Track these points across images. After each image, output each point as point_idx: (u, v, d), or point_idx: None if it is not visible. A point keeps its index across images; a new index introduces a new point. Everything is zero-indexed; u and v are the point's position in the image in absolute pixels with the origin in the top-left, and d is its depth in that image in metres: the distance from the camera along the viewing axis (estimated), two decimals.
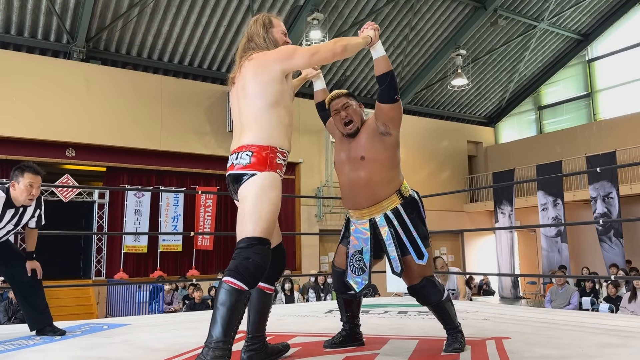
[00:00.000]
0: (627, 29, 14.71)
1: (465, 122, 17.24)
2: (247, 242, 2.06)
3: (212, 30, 11.54)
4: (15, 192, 2.95)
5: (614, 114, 14.36)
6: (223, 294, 1.96)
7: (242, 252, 2.04)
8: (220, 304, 1.95)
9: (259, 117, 2.17)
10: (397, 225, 2.48)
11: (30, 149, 10.17)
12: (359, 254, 2.54)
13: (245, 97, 2.22)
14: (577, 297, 8.27)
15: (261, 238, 2.07)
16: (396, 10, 12.60)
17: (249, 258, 2.02)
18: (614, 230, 12.16)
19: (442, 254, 15.64)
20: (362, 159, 2.50)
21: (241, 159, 2.14)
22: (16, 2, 9.82)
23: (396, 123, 2.51)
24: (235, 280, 1.97)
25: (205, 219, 12.05)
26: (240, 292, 1.97)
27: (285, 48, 2.26)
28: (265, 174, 2.11)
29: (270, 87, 2.19)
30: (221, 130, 12.06)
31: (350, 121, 2.55)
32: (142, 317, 5.15)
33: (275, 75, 2.20)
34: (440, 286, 2.53)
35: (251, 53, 2.27)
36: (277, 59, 2.21)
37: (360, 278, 2.51)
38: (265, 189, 2.10)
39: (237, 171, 2.15)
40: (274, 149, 2.15)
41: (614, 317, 4.63)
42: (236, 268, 2.00)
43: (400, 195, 2.53)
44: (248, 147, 2.14)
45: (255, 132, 2.16)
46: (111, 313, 10.44)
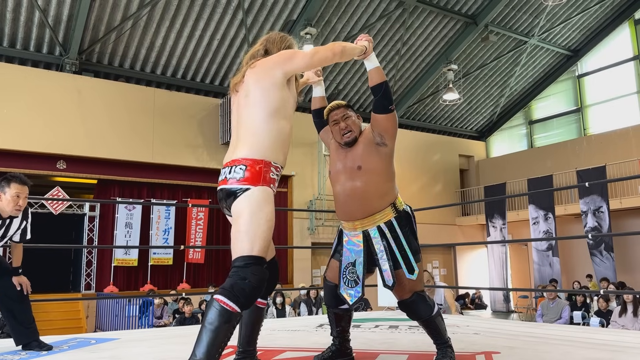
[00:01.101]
0: (616, 45, 14.93)
1: (457, 136, 17.35)
2: (244, 260, 2.00)
3: (205, 43, 11.59)
4: (2, 202, 2.93)
5: (604, 129, 14.51)
6: (213, 313, 1.88)
7: (239, 271, 1.97)
8: (209, 323, 1.87)
9: (257, 129, 2.13)
10: (390, 238, 2.48)
11: (21, 161, 10.10)
12: (352, 266, 2.52)
13: (247, 106, 2.18)
14: (568, 311, 8.29)
15: (258, 257, 2.02)
16: (388, 26, 12.73)
17: (245, 278, 1.96)
18: (604, 245, 12.22)
19: (434, 268, 15.64)
20: (359, 168, 2.50)
21: (235, 173, 2.10)
22: (9, 14, 9.82)
23: (391, 134, 2.52)
24: (228, 301, 1.90)
25: (197, 232, 11.99)
26: (231, 314, 1.89)
27: (285, 51, 2.25)
28: (259, 188, 2.07)
29: (272, 93, 2.16)
30: (214, 143, 12.06)
31: (350, 131, 2.55)
32: (131, 331, 5.10)
33: (276, 79, 2.17)
34: (430, 301, 2.52)
35: (255, 60, 2.26)
36: (277, 62, 2.19)
37: (353, 290, 2.49)
38: (260, 204, 2.05)
39: (231, 186, 2.10)
40: (267, 162, 2.11)
41: (604, 331, 4.64)
42: (231, 288, 1.93)
43: (395, 208, 2.53)
44: (242, 161, 2.10)
45: (250, 145, 2.12)
46: (100, 327, 10.32)
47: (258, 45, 2.36)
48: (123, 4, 10.28)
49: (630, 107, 14.37)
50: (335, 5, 11.74)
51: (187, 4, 10.69)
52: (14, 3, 9.68)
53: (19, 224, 3.07)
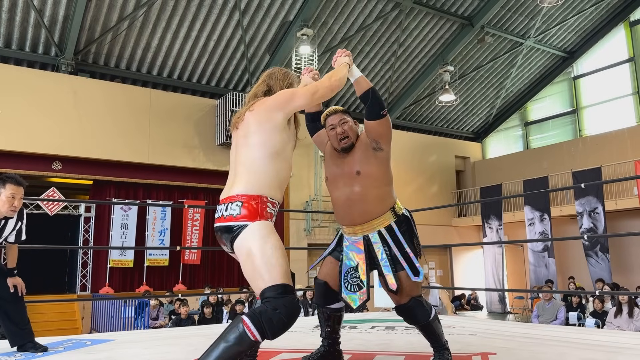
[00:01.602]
0: (611, 47, 14.99)
1: (453, 137, 17.38)
2: (275, 291, 1.94)
3: (201, 44, 11.58)
4: None
5: (599, 130, 14.56)
6: (234, 333, 1.87)
7: (272, 301, 1.91)
8: (225, 341, 1.87)
9: (255, 166, 2.12)
10: (391, 242, 2.48)
11: (16, 161, 10.07)
12: (354, 270, 2.51)
13: (245, 146, 2.16)
14: (564, 312, 8.30)
15: (286, 285, 1.96)
16: (385, 27, 12.74)
17: (277, 309, 1.90)
18: (600, 246, 12.26)
19: (430, 269, 15.66)
20: (358, 173, 2.50)
21: (231, 210, 2.07)
22: (4, 14, 9.78)
23: (386, 138, 2.53)
24: (253, 328, 1.86)
25: (193, 233, 11.97)
26: (250, 341, 1.87)
27: (284, 92, 2.22)
28: (258, 223, 2.05)
29: (274, 137, 2.14)
30: (210, 144, 12.05)
31: (347, 137, 2.55)
32: (127, 332, 5.08)
33: (277, 122, 2.15)
34: (427, 306, 2.52)
35: (256, 101, 2.24)
36: (277, 105, 2.17)
37: (357, 294, 2.48)
38: (265, 237, 2.03)
39: (227, 223, 2.07)
40: (263, 198, 2.09)
41: (599, 332, 4.65)
42: (260, 315, 1.88)
43: (394, 213, 2.53)
44: (237, 198, 2.08)
45: (246, 182, 2.10)
46: (96, 328, 10.28)
47: (260, 83, 2.34)
48: (119, 5, 10.26)
49: (626, 108, 14.43)
50: (332, 7, 11.75)
51: (184, 5, 10.68)
52: (10, 3, 9.65)
53: (14, 224, 3.06)
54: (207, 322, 8.29)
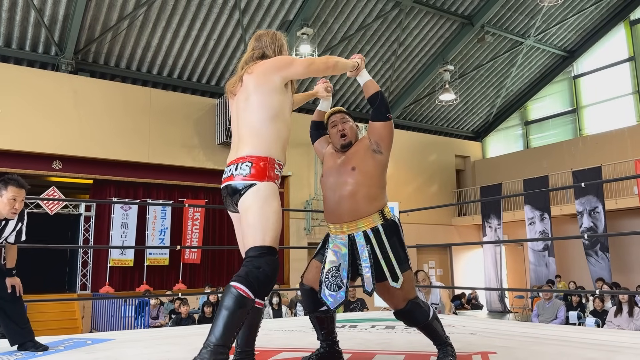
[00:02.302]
0: (611, 47, 14.99)
1: (453, 137, 17.38)
2: (258, 250, 2.07)
3: (201, 43, 11.57)
4: None
5: (599, 130, 14.56)
6: (229, 299, 1.96)
7: (254, 260, 2.05)
8: (225, 308, 1.95)
9: (258, 130, 2.21)
10: (375, 245, 2.48)
11: (16, 161, 10.07)
12: (336, 270, 2.51)
13: (247, 109, 2.25)
14: (564, 311, 8.31)
15: (271, 247, 2.09)
16: (385, 26, 12.74)
17: (259, 267, 2.03)
18: (600, 245, 12.26)
19: (430, 268, 15.67)
20: (353, 169, 2.54)
21: (241, 170, 2.16)
22: (4, 13, 9.78)
23: (387, 142, 2.59)
24: (244, 287, 1.98)
25: (193, 232, 11.98)
26: (246, 300, 1.98)
27: (283, 57, 2.32)
28: (264, 183, 2.14)
29: (272, 98, 2.23)
30: (210, 143, 12.05)
31: (346, 134, 2.63)
32: (127, 331, 5.08)
33: (275, 84, 2.25)
34: (425, 306, 2.53)
35: (252, 64, 2.31)
36: (276, 68, 2.26)
37: (335, 294, 2.47)
38: (268, 199, 2.13)
39: (237, 182, 2.16)
40: (271, 160, 2.19)
41: (599, 331, 4.65)
42: (246, 275, 2.00)
43: (382, 216, 2.54)
44: (247, 158, 2.17)
45: (253, 144, 2.19)
46: (96, 327, 10.29)
47: (250, 49, 2.42)
48: (119, 4, 10.26)
49: (626, 108, 14.43)
50: (332, 6, 11.75)
51: (184, 4, 10.68)
52: (10, 2, 9.65)
53: (14, 225, 3.05)
54: (207, 321, 8.30)
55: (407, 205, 9.97)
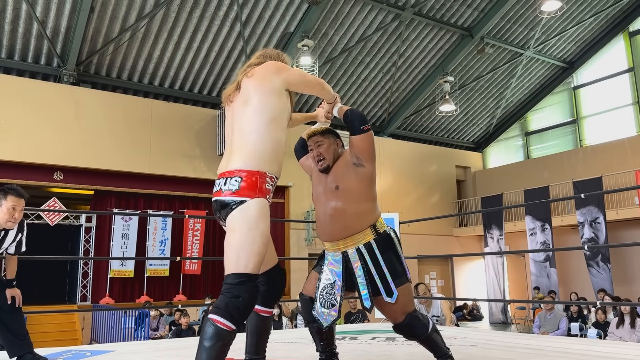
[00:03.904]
0: (611, 58, 15.05)
1: (454, 147, 17.40)
2: (238, 278, 1.99)
3: (203, 55, 11.64)
4: None
5: (600, 140, 14.58)
6: (210, 332, 1.91)
7: (233, 289, 1.98)
8: (205, 341, 1.90)
9: (253, 138, 2.14)
10: (369, 260, 2.47)
11: (17, 171, 10.09)
12: (331, 287, 2.52)
13: (243, 113, 2.20)
14: (566, 322, 8.26)
15: (252, 275, 2.02)
16: (385, 38, 12.81)
17: (239, 296, 1.96)
18: (601, 256, 12.23)
19: (431, 279, 15.62)
20: (337, 188, 2.53)
21: (230, 185, 2.09)
22: (7, 25, 9.86)
23: (367, 155, 2.54)
24: (225, 321, 1.92)
25: (194, 243, 11.96)
26: (228, 333, 1.93)
27: (281, 63, 2.36)
28: (254, 200, 2.06)
29: (272, 99, 2.20)
30: (211, 154, 12.07)
31: (322, 159, 2.60)
32: (127, 343, 5.07)
33: (275, 85, 2.23)
34: (424, 319, 2.53)
35: (251, 69, 2.31)
36: (276, 69, 2.28)
37: (329, 311, 2.48)
38: (256, 219, 2.05)
39: (226, 197, 2.09)
40: (263, 174, 2.11)
41: (601, 343, 4.63)
42: (226, 307, 1.94)
43: (375, 230, 2.53)
44: (237, 173, 2.10)
45: (245, 156, 2.12)
46: (96, 339, 10.24)
47: (254, 59, 2.43)
48: (121, 16, 10.34)
49: (626, 118, 14.46)
50: (332, 18, 11.83)
51: (185, 17, 10.76)
52: (13, 14, 9.73)
53: (14, 236, 3.06)
54: None
55: (407, 216, 9.99)
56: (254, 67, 2.33)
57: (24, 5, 9.61)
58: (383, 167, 14.52)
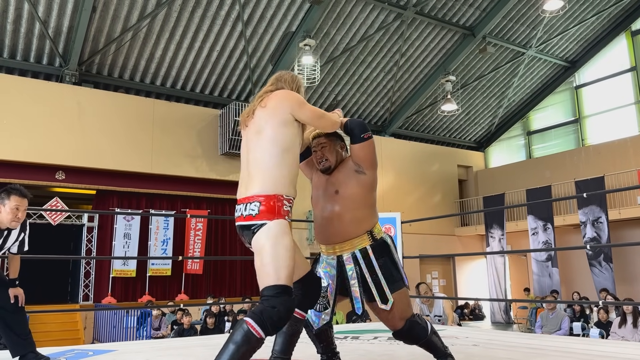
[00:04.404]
0: (613, 57, 15.02)
1: (456, 147, 17.39)
2: (274, 290, 2.09)
3: (204, 54, 11.65)
4: (1, 214, 2.92)
5: (602, 140, 14.56)
6: (240, 335, 2.01)
7: (270, 300, 2.08)
8: (233, 343, 2.00)
9: (267, 166, 2.23)
10: (364, 265, 2.47)
11: (20, 171, 10.10)
12: (324, 291, 2.52)
13: (258, 143, 2.27)
14: (568, 322, 8.26)
15: (286, 286, 2.11)
16: (387, 37, 12.81)
17: (275, 307, 2.06)
18: (603, 255, 12.21)
19: (433, 278, 15.61)
20: (336, 193, 2.54)
21: (250, 210, 2.20)
22: (9, 25, 9.88)
23: (368, 163, 2.55)
24: (256, 326, 2.02)
25: (196, 243, 11.97)
26: (257, 340, 2.02)
27: (298, 96, 2.37)
28: (275, 222, 2.17)
29: (283, 131, 2.26)
30: (213, 154, 12.08)
31: (325, 159, 2.62)
32: (129, 342, 5.08)
33: (287, 118, 2.28)
34: (423, 322, 2.52)
35: (266, 96, 2.35)
36: (289, 104, 2.31)
37: (321, 314, 2.48)
38: (278, 237, 2.16)
39: (247, 222, 2.21)
40: (280, 197, 2.21)
41: (603, 342, 4.63)
42: (261, 314, 2.04)
43: (371, 236, 2.53)
44: (256, 198, 2.20)
45: (262, 182, 2.21)
46: (98, 338, 10.26)
47: (269, 85, 2.46)
48: (123, 16, 10.35)
49: (628, 118, 14.43)
50: (334, 17, 11.83)
51: (187, 16, 10.76)
52: (15, 15, 9.75)
53: (16, 235, 3.06)
54: (209, 332, 8.27)
55: (409, 216, 9.95)
56: (269, 94, 2.37)
57: (26, 5, 9.62)
58: (385, 167, 14.52)
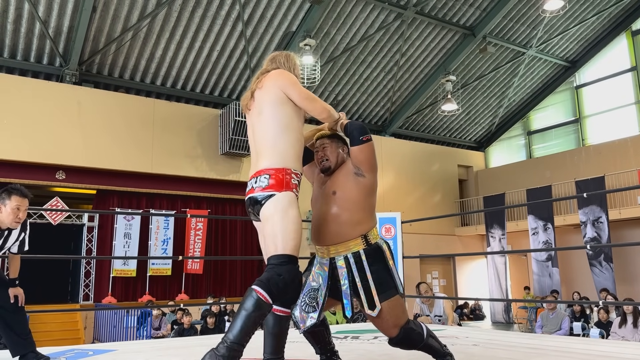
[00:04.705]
0: (614, 57, 15.01)
1: (456, 147, 17.38)
2: (279, 259, 2.19)
3: (205, 54, 11.65)
4: (2, 214, 2.92)
5: (602, 140, 14.55)
6: (250, 301, 2.09)
7: (275, 268, 2.17)
8: (244, 310, 2.09)
9: (273, 142, 2.32)
10: (355, 270, 2.45)
11: (20, 171, 10.11)
12: (314, 292, 2.50)
13: (260, 123, 2.38)
14: (568, 322, 8.25)
15: (291, 256, 2.20)
16: (387, 37, 12.80)
17: (280, 274, 2.16)
18: (604, 255, 12.20)
19: (434, 278, 15.61)
20: (334, 193, 2.54)
21: (260, 182, 2.29)
22: (10, 25, 9.88)
23: (367, 166, 2.53)
24: (263, 292, 2.10)
25: (196, 243, 11.97)
26: (264, 304, 2.10)
27: (290, 76, 2.44)
28: (283, 193, 2.26)
29: (282, 110, 2.35)
30: (213, 154, 12.08)
31: (326, 159, 2.62)
32: (129, 342, 5.08)
33: (281, 96, 2.36)
34: (418, 327, 2.49)
35: (262, 77, 2.44)
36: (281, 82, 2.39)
37: (308, 316, 2.46)
38: (286, 208, 2.24)
39: (257, 193, 2.29)
40: (288, 170, 2.30)
41: (604, 342, 4.62)
42: (267, 281, 2.13)
43: (365, 240, 2.50)
44: (265, 171, 2.29)
45: (270, 157, 2.31)
46: (98, 338, 10.27)
47: (266, 65, 2.56)
48: (123, 16, 10.35)
49: (629, 117, 14.42)
50: (334, 17, 11.82)
51: (187, 16, 10.76)
52: (15, 14, 9.75)
53: (17, 235, 3.06)
54: (209, 332, 8.27)
55: (409, 215, 9.96)
56: (265, 74, 2.46)
57: (27, 5, 9.63)
58: (385, 167, 14.52)
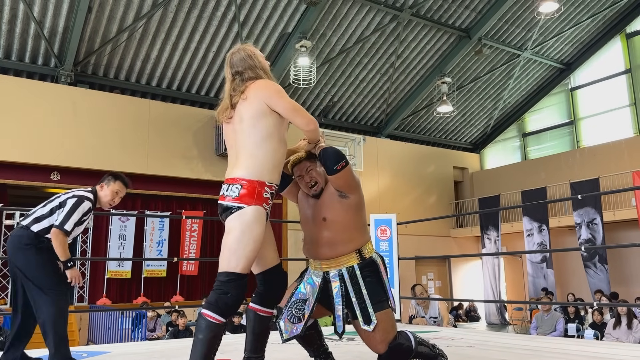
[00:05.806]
0: (608, 59, 15.09)
1: (451, 148, 17.42)
2: (228, 276, 2.20)
3: (200, 55, 11.63)
4: (102, 192, 3.12)
5: (597, 141, 14.61)
6: (203, 325, 2.15)
7: (223, 286, 2.19)
8: (200, 335, 2.14)
9: (252, 151, 2.28)
10: (349, 284, 2.44)
11: (15, 172, 10.06)
12: (302, 303, 2.49)
13: (242, 131, 2.32)
14: (563, 323, 8.28)
15: (241, 274, 2.21)
16: (383, 39, 12.82)
17: (227, 293, 2.18)
18: (598, 257, 12.25)
19: (429, 280, 15.62)
20: (324, 220, 2.50)
21: (231, 191, 2.27)
22: (4, 25, 9.83)
23: (347, 189, 2.46)
24: (215, 315, 2.15)
25: (191, 244, 11.94)
26: (218, 326, 2.16)
27: (275, 87, 2.36)
28: (251, 208, 2.23)
29: (262, 121, 2.30)
30: (208, 155, 12.06)
31: (316, 183, 2.53)
32: (123, 344, 5.06)
33: (264, 108, 2.30)
34: (406, 340, 2.47)
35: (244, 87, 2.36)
36: (265, 93, 2.32)
37: (292, 326, 2.44)
38: (250, 224, 2.21)
39: (227, 202, 2.27)
40: (262, 183, 2.26)
41: (598, 344, 4.64)
42: (216, 302, 2.17)
43: (360, 255, 2.49)
44: (239, 180, 2.26)
45: (246, 167, 2.27)
46: (93, 340, 10.22)
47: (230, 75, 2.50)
48: (119, 16, 10.32)
49: (623, 120, 14.50)
50: (330, 19, 11.83)
51: (183, 17, 10.75)
52: (10, 15, 9.71)
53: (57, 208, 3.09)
54: None
55: (405, 217, 9.99)
56: (247, 84, 2.37)
57: (22, 5, 9.59)
58: (380, 168, 14.53)
